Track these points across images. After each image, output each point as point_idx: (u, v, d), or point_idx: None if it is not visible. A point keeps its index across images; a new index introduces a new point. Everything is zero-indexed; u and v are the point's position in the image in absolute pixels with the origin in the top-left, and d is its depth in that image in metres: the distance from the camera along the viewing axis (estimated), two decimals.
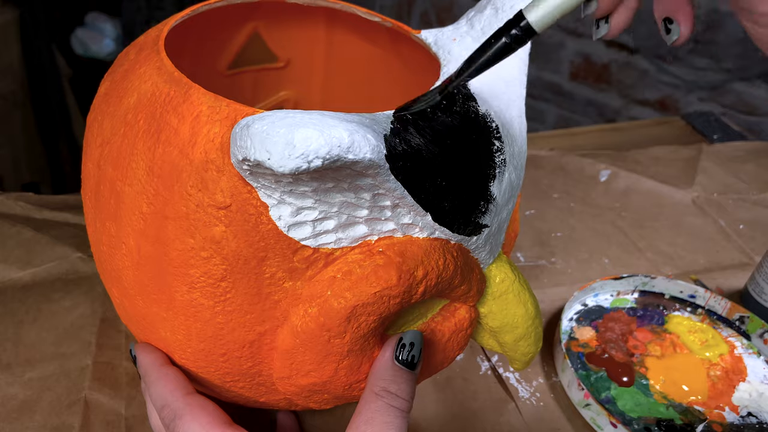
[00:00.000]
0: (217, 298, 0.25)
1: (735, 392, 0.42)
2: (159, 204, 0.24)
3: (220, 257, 0.24)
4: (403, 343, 0.27)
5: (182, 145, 0.24)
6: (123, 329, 0.42)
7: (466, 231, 0.25)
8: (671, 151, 0.68)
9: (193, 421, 0.26)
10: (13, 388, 0.38)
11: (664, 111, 1.10)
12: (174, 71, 0.26)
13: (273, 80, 0.43)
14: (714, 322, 0.47)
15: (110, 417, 0.37)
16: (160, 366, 0.28)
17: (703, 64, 1.01)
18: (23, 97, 1.13)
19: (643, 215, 0.59)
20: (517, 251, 0.53)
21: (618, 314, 0.47)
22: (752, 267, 0.53)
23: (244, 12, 0.37)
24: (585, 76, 1.17)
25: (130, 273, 0.27)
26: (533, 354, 0.32)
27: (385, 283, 0.24)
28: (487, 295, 0.29)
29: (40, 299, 0.44)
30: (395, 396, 0.26)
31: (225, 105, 0.24)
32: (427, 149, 0.24)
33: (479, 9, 0.31)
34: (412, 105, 0.24)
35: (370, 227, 0.24)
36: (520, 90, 0.29)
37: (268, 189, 0.22)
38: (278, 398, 0.29)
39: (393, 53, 0.39)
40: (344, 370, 0.27)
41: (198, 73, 0.37)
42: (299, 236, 0.23)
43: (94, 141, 0.28)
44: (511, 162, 0.27)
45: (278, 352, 0.26)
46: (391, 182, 0.22)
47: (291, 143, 0.19)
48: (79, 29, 1.41)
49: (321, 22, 0.40)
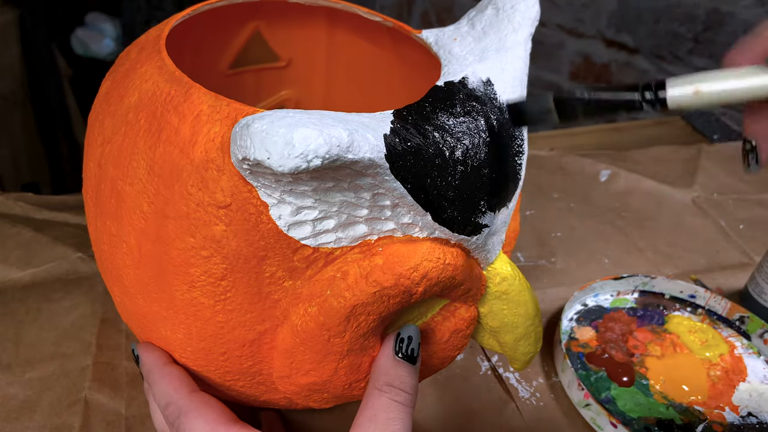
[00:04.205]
0: (218, 297, 0.25)
1: (735, 392, 0.42)
2: (159, 203, 0.24)
3: (220, 256, 0.24)
4: (402, 337, 0.27)
5: (183, 145, 0.24)
6: (123, 329, 0.42)
7: (466, 231, 0.25)
8: (671, 151, 0.68)
9: (199, 417, 0.26)
10: (13, 388, 0.38)
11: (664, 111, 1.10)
12: (175, 71, 0.26)
13: (274, 80, 0.43)
14: (714, 322, 0.47)
15: (110, 417, 0.37)
16: (163, 365, 0.28)
17: (703, 64, 1.01)
18: (23, 97, 1.13)
19: (643, 215, 0.59)
20: (517, 251, 0.53)
21: (618, 314, 0.47)
22: (752, 267, 0.53)
23: (246, 11, 0.37)
24: (585, 76, 1.17)
25: (130, 272, 0.27)
26: (533, 354, 0.32)
27: (384, 283, 0.24)
28: (487, 295, 0.29)
29: (40, 299, 0.44)
30: (398, 390, 0.26)
31: (225, 104, 0.24)
32: (427, 149, 0.24)
33: (480, 9, 0.31)
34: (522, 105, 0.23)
35: (370, 227, 0.24)
36: (520, 89, 0.29)
37: (268, 188, 0.22)
38: (278, 397, 0.29)
39: (394, 53, 0.39)
40: (344, 369, 0.27)
41: (199, 72, 0.37)
42: (299, 235, 0.23)
43: (95, 140, 0.28)
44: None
45: (278, 351, 0.26)
46: (390, 182, 0.22)
47: (290, 143, 0.19)
48: (79, 29, 1.41)
49: (322, 22, 0.40)
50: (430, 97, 0.26)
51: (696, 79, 0.21)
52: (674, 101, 0.21)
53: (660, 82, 0.21)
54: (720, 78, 0.21)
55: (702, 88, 0.21)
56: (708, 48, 0.99)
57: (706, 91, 0.21)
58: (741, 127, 0.24)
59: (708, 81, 0.21)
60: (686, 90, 0.21)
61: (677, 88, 0.21)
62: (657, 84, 0.21)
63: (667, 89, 0.21)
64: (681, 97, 0.21)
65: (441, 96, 0.26)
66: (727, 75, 0.21)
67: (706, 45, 0.99)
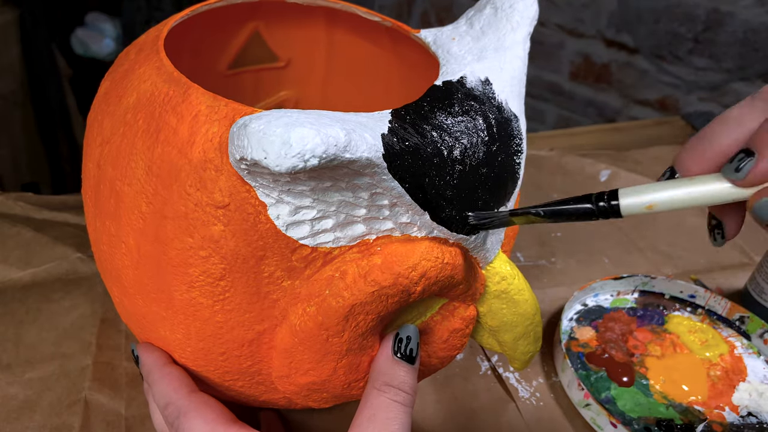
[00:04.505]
0: (216, 297, 0.25)
1: (735, 392, 0.42)
2: (158, 203, 0.24)
3: (218, 256, 0.24)
4: (401, 337, 0.27)
5: (181, 145, 0.24)
6: (123, 329, 0.42)
7: (464, 230, 0.25)
8: (671, 151, 0.68)
9: (198, 417, 0.26)
10: (13, 388, 0.38)
11: (664, 111, 1.10)
12: (173, 71, 0.26)
13: (273, 80, 0.43)
14: (714, 322, 0.47)
15: (110, 417, 0.37)
16: (163, 365, 0.28)
17: (703, 64, 1.01)
18: (23, 97, 1.13)
19: (643, 215, 0.59)
20: (517, 251, 0.53)
21: (618, 314, 0.47)
22: (752, 267, 0.53)
23: (245, 12, 0.37)
24: (585, 76, 1.16)
25: (129, 272, 0.27)
26: (533, 353, 0.32)
27: (382, 282, 0.24)
28: (486, 294, 0.29)
29: (40, 299, 0.44)
30: (397, 390, 0.26)
31: (224, 104, 0.24)
32: (425, 148, 0.24)
33: (479, 8, 0.31)
34: (485, 220, 0.25)
35: (368, 226, 0.24)
36: (519, 89, 0.29)
37: (266, 188, 0.22)
38: (277, 397, 0.29)
39: (392, 53, 0.39)
40: (343, 368, 0.27)
41: (198, 72, 0.37)
42: (297, 235, 0.23)
43: (94, 140, 0.28)
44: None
45: (277, 351, 0.26)
46: (388, 181, 0.22)
47: (288, 142, 0.19)
48: (79, 29, 1.41)
49: (321, 22, 0.40)
50: (429, 97, 0.26)
51: (649, 190, 0.21)
52: (627, 210, 0.22)
53: (612, 193, 0.22)
54: (672, 188, 0.21)
55: (655, 200, 0.21)
56: (708, 48, 0.99)
57: (659, 202, 0.21)
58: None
59: (660, 192, 0.21)
60: (639, 202, 0.22)
61: (628, 198, 0.22)
62: (611, 194, 0.22)
63: (619, 200, 0.22)
64: (633, 207, 0.22)
65: (439, 95, 0.26)
66: (679, 185, 0.21)
67: (706, 45, 0.99)
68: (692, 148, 0.23)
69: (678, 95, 1.07)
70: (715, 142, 0.22)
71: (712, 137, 0.22)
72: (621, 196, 0.22)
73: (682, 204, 0.21)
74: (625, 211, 0.22)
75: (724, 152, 0.22)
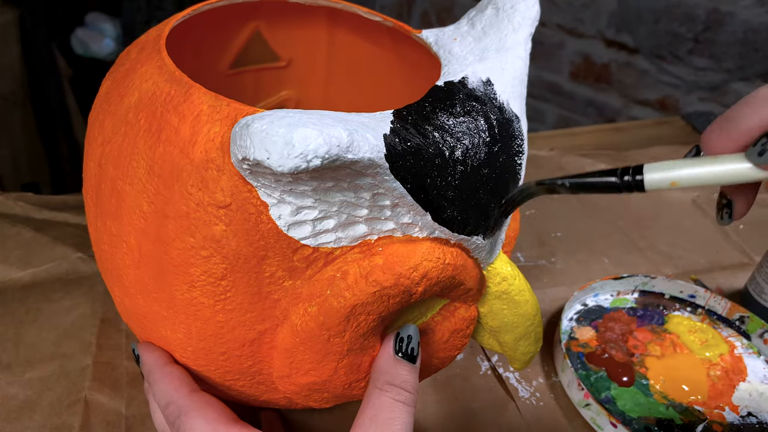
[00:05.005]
0: (217, 296, 0.25)
1: (735, 392, 0.42)
2: (159, 203, 0.24)
3: (220, 256, 0.24)
4: (401, 337, 0.27)
5: (183, 145, 0.24)
6: (123, 329, 0.42)
7: (465, 231, 0.25)
8: (671, 151, 0.68)
9: (199, 416, 0.26)
10: (13, 388, 0.38)
11: (664, 111, 1.10)
12: (175, 71, 0.26)
13: (274, 80, 0.43)
14: (714, 322, 0.47)
15: (110, 417, 0.37)
16: (164, 364, 0.28)
17: (703, 64, 1.01)
18: (23, 97, 1.13)
19: (643, 215, 0.59)
20: (517, 251, 0.53)
21: (618, 314, 0.47)
22: (752, 267, 0.53)
23: (246, 11, 0.37)
24: (585, 76, 1.17)
25: (130, 271, 0.27)
26: (533, 353, 0.32)
27: (384, 282, 0.24)
28: (487, 295, 0.29)
29: (40, 299, 0.44)
30: (399, 389, 0.26)
31: (225, 104, 0.24)
32: (427, 149, 0.24)
33: (480, 9, 0.31)
34: (513, 194, 0.26)
35: (370, 227, 0.24)
36: (520, 89, 0.29)
37: (268, 188, 0.22)
38: (278, 397, 0.29)
39: (394, 53, 0.39)
40: (344, 369, 0.27)
41: (199, 72, 0.37)
42: (299, 235, 0.23)
43: (95, 140, 0.28)
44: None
45: (278, 351, 0.26)
46: (390, 182, 0.22)
47: (290, 143, 0.19)
48: (79, 29, 1.41)
49: (322, 22, 0.40)
50: (430, 97, 0.26)
51: (674, 166, 0.22)
52: (651, 185, 0.22)
53: (637, 168, 0.22)
54: (696, 165, 0.22)
55: (679, 177, 0.22)
56: (708, 48, 0.99)
57: (683, 179, 0.22)
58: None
59: (684, 169, 0.22)
60: (663, 177, 0.22)
61: (653, 173, 0.22)
62: (636, 169, 0.22)
63: (644, 174, 0.22)
64: (658, 182, 0.22)
65: (441, 96, 0.26)
66: (703, 163, 0.22)
67: (706, 45, 0.99)
68: (718, 128, 0.23)
69: (678, 95, 1.07)
70: (741, 122, 0.22)
71: (738, 117, 0.22)
72: (646, 171, 0.22)
73: (705, 182, 0.21)
74: (648, 185, 0.22)
75: (750, 132, 0.22)
